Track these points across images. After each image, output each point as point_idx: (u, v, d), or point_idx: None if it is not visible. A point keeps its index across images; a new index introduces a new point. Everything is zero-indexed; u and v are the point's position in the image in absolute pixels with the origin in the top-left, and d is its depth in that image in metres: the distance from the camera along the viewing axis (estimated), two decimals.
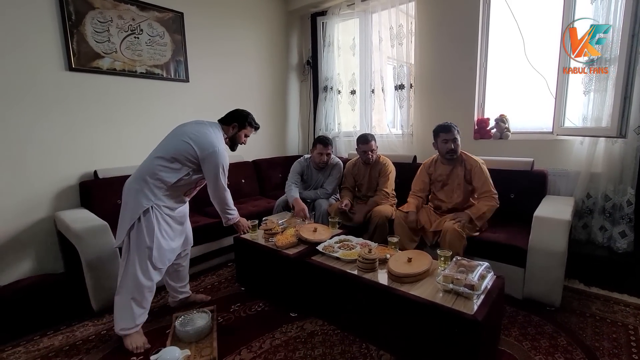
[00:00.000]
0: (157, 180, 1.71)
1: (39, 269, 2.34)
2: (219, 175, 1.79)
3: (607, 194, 2.28)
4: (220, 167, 1.78)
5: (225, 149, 1.84)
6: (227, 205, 1.94)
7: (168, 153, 1.73)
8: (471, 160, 2.24)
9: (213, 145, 1.75)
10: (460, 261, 1.62)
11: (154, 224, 1.67)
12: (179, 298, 2.02)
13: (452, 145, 2.20)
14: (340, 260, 1.84)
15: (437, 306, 1.39)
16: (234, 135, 1.94)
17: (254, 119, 2.00)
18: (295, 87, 4.10)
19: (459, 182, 2.26)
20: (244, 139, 2.00)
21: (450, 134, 2.21)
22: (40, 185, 2.31)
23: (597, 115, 2.23)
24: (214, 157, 1.75)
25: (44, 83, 2.27)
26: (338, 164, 2.87)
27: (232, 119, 1.93)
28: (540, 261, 1.89)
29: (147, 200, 1.68)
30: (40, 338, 1.79)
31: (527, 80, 2.72)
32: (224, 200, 1.91)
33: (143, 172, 1.73)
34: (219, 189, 1.85)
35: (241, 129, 1.95)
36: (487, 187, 2.18)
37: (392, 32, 3.20)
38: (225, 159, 1.81)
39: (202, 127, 1.83)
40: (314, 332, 1.77)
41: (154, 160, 1.74)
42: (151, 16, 2.75)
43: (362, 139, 2.67)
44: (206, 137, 1.78)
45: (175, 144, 1.76)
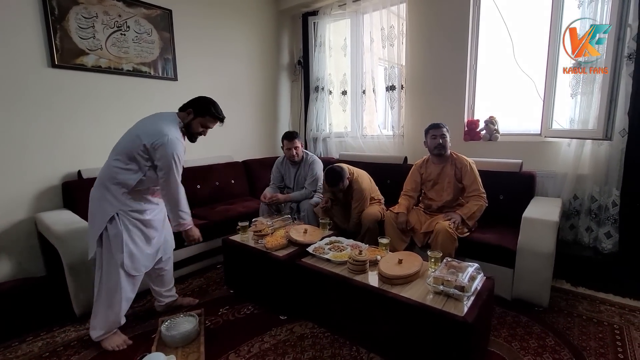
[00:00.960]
0: (117, 185, 1.60)
1: (19, 272, 2.26)
2: (171, 168, 1.59)
3: (593, 195, 2.32)
4: (173, 159, 1.59)
5: (179, 138, 1.65)
6: (180, 206, 1.70)
7: (122, 153, 1.62)
8: (462, 159, 2.27)
9: (162, 134, 1.58)
10: (451, 262, 1.61)
11: (121, 231, 1.59)
12: (165, 302, 1.96)
13: (440, 140, 2.24)
14: (331, 262, 1.82)
15: (428, 308, 1.38)
16: (189, 122, 1.74)
17: (216, 108, 1.79)
18: (286, 87, 4.07)
19: (450, 181, 2.28)
20: (200, 129, 1.79)
21: (438, 129, 2.26)
22: (21, 186, 2.23)
23: (584, 117, 2.27)
24: (163, 147, 1.57)
25: (25, 80, 2.19)
26: (315, 162, 2.81)
27: (189, 105, 1.76)
28: (528, 262, 1.90)
29: (111, 206, 1.59)
30: (19, 344, 1.72)
31: (516, 83, 2.75)
32: (177, 198, 1.68)
33: (103, 178, 1.63)
34: (171, 185, 1.63)
35: (197, 116, 1.74)
36: (476, 185, 2.21)
37: (383, 33, 3.20)
38: (178, 149, 1.61)
39: (155, 118, 1.70)
40: (303, 335, 1.74)
41: (111, 163, 1.63)
42: (138, 13, 2.69)
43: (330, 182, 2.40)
44: (155, 126, 1.62)
45: (127, 141, 1.63)
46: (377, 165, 3.04)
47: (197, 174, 2.99)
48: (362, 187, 2.48)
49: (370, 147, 3.51)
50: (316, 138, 3.88)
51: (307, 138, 3.92)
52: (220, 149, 3.40)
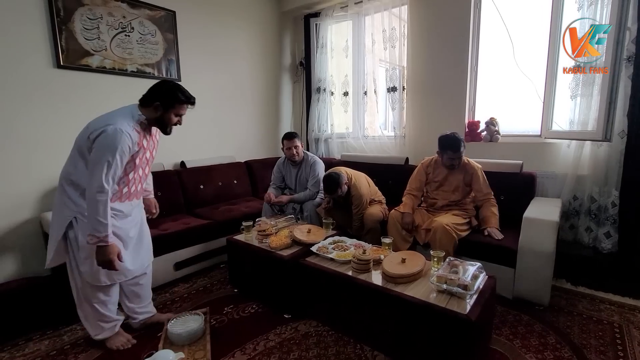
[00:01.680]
0: (71, 186, 1.48)
1: (25, 271, 2.27)
2: (99, 162, 1.35)
3: (593, 196, 2.34)
4: (105, 152, 1.36)
5: (127, 132, 1.42)
6: (97, 213, 1.36)
7: (74, 148, 1.49)
8: (472, 165, 2.29)
9: (105, 124, 1.39)
10: (453, 262, 1.64)
11: (79, 238, 1.48)
12: (139, 319, 1.79)
13: (455, 162, 2.25)
14: (335, 261, 1.84)
15: (431, 306, 1.41)
16: (160, 117, 1.53)
17: (183, 92, 1.55)
18: (288, 88, 4.10)
19: (458, 184, 2.30)
20: (176, 120, 1.58)
21: (457, 153, 2.21)
22: (26, 185, 2.24)
23: (584, 119, 2.30)
24: (100, 138, 1.37)
25: (31, 80, 2.21)
26: (316, 162, 2.83)
27: (152, 98, 1.51)
28: (529, 261, 1.93)
29: (69, 210, 1.47)
30: (26, 343, 1.74)
31: (516, 85, 2.78)
32: (95, 202, 1.36)
33: (60, 178, 1.52)
34: (92, 184, 1.36)
35: (168, 108, 1.52)
36: (488, 190, 2.27)
37: (384, 34, 3.23)
38: (117, 144, 1.37)
39: (110, 112, 1.53)
40: (308, 333, 1.77)
41: (66, 163, 1.52)
42: (142, 14, 2.71)
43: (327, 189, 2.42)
44: (102, 118, 1.46)
45: (79, 135, 1.49)
46: (378, 166, 3.06)
47: (200, 175, 3.02)
48: (361, 193, 2.49)
49: (372, 148, 3.54)
50: (318, 139, 3.90)
51: (308, 139, 3.95)
52: (223, 149, 3.43)
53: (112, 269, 1.46)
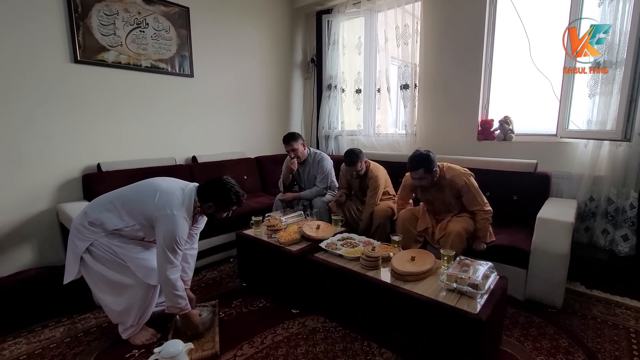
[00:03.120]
0: (96, 220, 1.57)
1: (41, 261, 2.34)
2: (165, 248, 1.50)
3: (610, 197, 2.28)
4: (171, 239, 1.50)
5: (185, 220, 1.56)
6: (173, 289, 1.53)
7: (126, 198, 1.61)
8: (456, 180, 2.06)
9: (171, 207, 1.53)
10: (464, 261, 1.62)
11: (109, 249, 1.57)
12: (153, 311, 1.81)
13: (417, 183, 2.10)
14: (343, 257, 1.83)
15: (441, 305, 1.39)
16: (212, 213, 1.68)
17: (236, 194, 1.64)
18: (299, 85, 4.10)
19: (448, 197, 2.12)
20: (224, 215, 1.72)
21: (414, 173, 2.03)
22: (43, 177, 2.31)
23: (602, 118, 2.23)
24: (166, 221, 1.51)
25: (49, 75, 2.26)
26: (323, 159, 2.82)
27: (209, 197, 1.63)
28: (542, 263, 1.89)
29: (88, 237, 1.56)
30: (42, 329, 1.79)
31: (532, 82, 2.72)
32: (168, 280, 1.51)
33: (92, 209, 1.61)
34: (162, 264, 1.51)
35: (219, 209, 1.66)
36: (478, 204, 2.04)
37: (397, 31, 3.19)
38: (179, 228, 1.52)
39: (175, 184, 1.65)
40: (315, 328, 1.77)
41: (104, 198, 1.64)
42: (157, 10, 2.74)
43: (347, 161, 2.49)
44: (168, 196, 1.57)
45: (137, 192, 1.62)
46: (389, 163, 3.01)
47: (210, 170, 3.04)
48: (378, 176, 2.54)
49: (383, 145, 3.52)
50: (328, 136, 3.90)
51: (318, 136, 3.95)
52: (233, 145, 3.45)
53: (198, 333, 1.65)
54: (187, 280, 1.83)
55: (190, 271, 1.86)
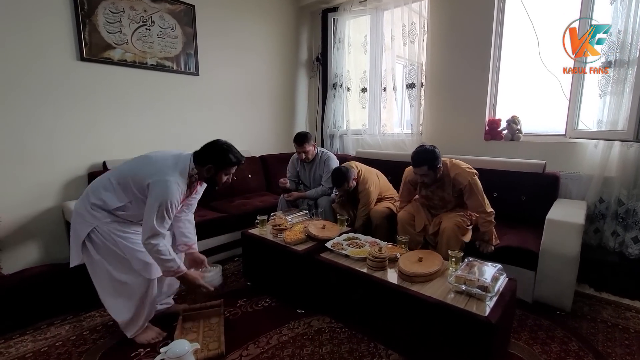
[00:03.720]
0: (98, 200, 1.54)
1: (47, 258, 2.35)
2: (152, 210, 1.44)
3: (621, 199, 2.24)
4: (160, 203, 1.44)
5: (178, 185, 1.50)
6: (159, 254, 1.48)
7: (120, 174, 1.57)
8: (461, 179, 2.00)
9: (163, 174, 1.48)
10: (472, 262, 1.60)
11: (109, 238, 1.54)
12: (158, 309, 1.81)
13: (421, 179, 2.07)
14: (349, 258, 1.82)
15: (449, 307, 1.37)
16: (211, 178, 1.63)
17: (235, 153, 1.63)
18: (304, 83, 4.08)
19: (449, 194, 2.10)
20: (225, 179, 1.67)
21: (418, 169, 2.00)
22: (49, 175, 2.31)
23: (613, 118, 2.19)
24: (158, 185, 1.46)
25: (55, 72, 2.26)
26: (329, 158, 2.79)
27: (206, 159, 1.59)
28: (551, 265, 1.86)
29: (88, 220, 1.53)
30: (48, 327, 1.79)
31: (540, 82, 2.68)
32: (153, 247, 1.47)
33: (91, 189, 1.58)
34: (145, 230, 1.46)
35: (219, 170, 1.61)
36: (480, 206, 1.98)
37: (404, 30, 3.17)
38: (172, 197, 1.47)
39: (167, 154, 1.60)
40: (321, 329, 1.76)
41: (103, 177, 1.60)
42: (163, 8, 2.74)
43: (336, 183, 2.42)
44: (161, 163, 1.54)
45: (136, 169, 1.56)
46: (393, 163, 3.01)
47: None
48: (369, 191, 2.47)
49: (389, 145, 3.49)
50: (333, 135, 3.88)
51: (323, 135, 3.93)
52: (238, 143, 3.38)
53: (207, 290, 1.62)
54: (192, 244, 1.82)
55: (192, 235, 1.83)
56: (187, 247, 1.80)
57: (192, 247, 1.81)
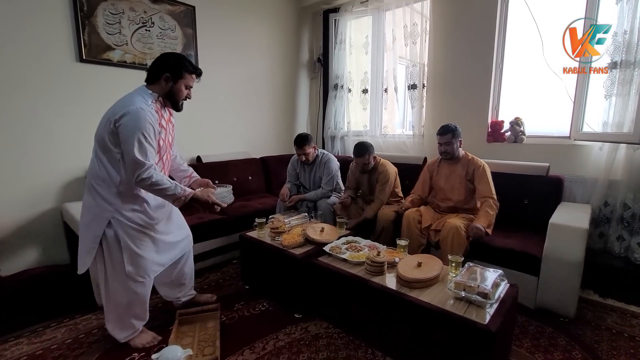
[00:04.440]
0: (102, 184, 1.43)
1: (46, 259, 2.34)
2: (130, 143, 1.32)
3: (627, 203, 2.19)
4: (133, 132, 1.32)
5: (147, 109, 1.39)
6: (159, 185, 1.39)
7: (95, 146, 1.45)
8: (476, 161, 2.25)
9: (125, 107, 1.36)
10: (472, 267, 1.56)
11: (119, 238, 1.45)
12: (182, 301, 1.91)
13: (444, 148, 2.26)
14: (348, 262, 1.79)
15: (448, 314, 1.34)
16: (170, 90, 1.49)
17: (190, 62, 1.53)
18: (305, 85, 4.06)
19: (460, 181, 2.27)
20: (185, 92, 1.54)
21: (443, 137, 2.25)
22: (48, 176, 2.31)
23: (619, 120, 2.15)
24: (126, 121, 1.33)
25: (54, 73, 2.26)
26: (330, 160, 2.79)
27: (160, 70, 1.47)
28: (555, 270, 1.82)
29: (105, 212, 1.43)
30: (43, 330, 1.78)
31: (544, 83, 2.63)
32: (148, 182, 1.37)
33: (88, 181, 1.48)
34: (129, 167, 1.36)
35: (177, 79, 1.49)
36: (488, 191, 2.16)
37: (406, 30, 3.13)
38: (144, 123, 1.35)
39: (122, 97, 1.48)
40: (318, 334, 1.73)
41: (90, 163, 1.48)
42: (163, 9, 2.73)
43: (355, 152, 2.53)
44: (117, 104, 1.42)
45: (97, 131, 1.44)
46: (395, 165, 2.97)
47: (215, 170, 3.02)
48: (388, 171, 2.55)
49: (390, 146, 3.46)
50: (334, 136, 3.85)
51: (324, 136, 3.91)
52: (238, 145, 3.43)
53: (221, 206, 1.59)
54: (190, 173, 1.81)
55: (185, 166, 1.82)
56: (187, 178, 1.79)
57: (191, 176, 1.80)
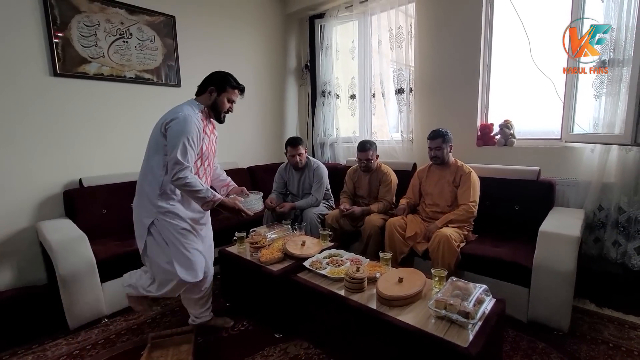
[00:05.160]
0: (150, 185, 1.57)
1: (21, 280, 2.26)
2: (175, 146, 1.47)
3: (621, 206, 2.10)
4: (179, 135, 1.48)
5: (195, 117, 1.56)
6: (191, 187, 1.51)
7: (148, 149, 1.63)
8: (464, 168, 2.24)
9: (174, 113, 1.54)
10: (456, 282, 1.47)
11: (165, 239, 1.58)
12: (197, 322, 1.85)
13: (434, 153, 2.25)
14: (328, 278, 1.70)
15: (427, 335, 1.25)
16: (214, 102, 1.68)
17: (235, 79, 1.73)
18: (293, 92, 4.00)
19: (448, 187, 2.25)
20: (228, 105, 1.72)
21: (433, 141, 2.25)
22: (23, 194, 2.23)
23: (610, 120, 2.06)
24: (174, 125, 1.50)
25: (27, 89, 2.20)
26: (319, 168, 2.75)
27: (206, 84, 1.69)
28: (546, 281, 1.73)
29: (148, 213, 1.58)
30: (10, 357, 1.70)
31: (533, 84, 2.56)
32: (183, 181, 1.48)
33: (139, 182, 1.64)
34: (170, 165, 1.49)
35: (221, 92, 1.68)
36: (467, 197, 2.15)
37: (391, 34, 3.07)
38: (190, 128, 1.50)
39: (174, 107, 1.65)
40: (297, 356, 1.64)
41: (141, 167, 1.64)
42: (141, 20, 2.68)
43: (359, 147, 2.58)
44: (170, 110, 1.60)
45: (153, 134, 1.62)
46: None
47: None
48: (391, 172, 2.60)
49: (380, 152, 3.33)
50: (323, 143, 3.78)
51: (314, 143, 3.83)
52: (226, 155, 3.36)
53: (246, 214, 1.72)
54: (228, 182, 1.96)
55: (224, 175, 1.98)
56: (225, 186, 1.93)
57: (229, 184, 1.95)
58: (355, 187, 2.74)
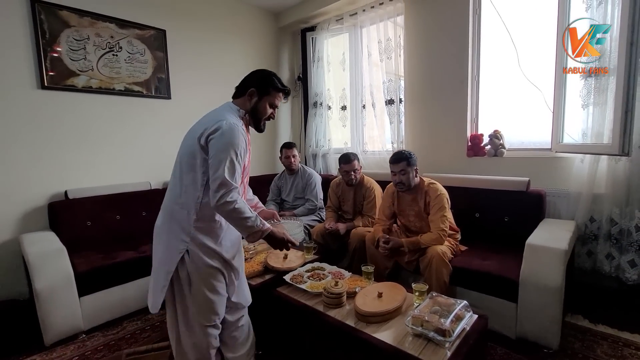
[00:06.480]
0: (182, 209, 1.27)
1: (4, 293, 2.23)
2: (220, 162, 1.18)
3: (613, 218, 2.05)
4: (225, 149, 1.19)
5: (239, 126, 1.27)
6: (240, 214, 1.20)
7: (177, 166, 1.33)
8: (434, 190, 2.03)
9: (216, 121, 1.24)
10: (436, 298, 1.42)
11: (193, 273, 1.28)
12: None
13: (398, 178, 2.04)
14: (307, 292, 1.66)
15: (402, 354, 1.20)
16: (255, 106, 1.36)
17: (280, 80, 1.40)
18: (286, 103, 4.01)
19: (417, 214, 2.10)
20: (270, 111, 1.39)
21: (396, 165, 2.03)
22: (6, 206, 2.23)
23: (598, 130, 2.03)
24: (219, 137, 1.20)
25: (14, 102, 2.22)
26: (313, 174, 2.90)
27: (247, 84, 1.35)
28: (533, 296, 1.67)
29: (180, 243, 1.26)
30: None
31: (522, 94, 2.54)
32: (231, 206, 1.18)
33: (165, 206, 1.34)
34: (214, 187, 1.18)
35: (263, 95, 1.35)
36: (437, 224, 1.95)
37: (380, 46, 3.09)
38: (237, 138, 1.22)
39: (209, 112, 1.38)
40: None
41: (169, 187, 1.35)
42: (131, 33, 2.71)
43: (343, 159, 2.55)
44: (208, 118, 1.31)
45: (186, 146, 1.32)
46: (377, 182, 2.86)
47: None
48: (374, 187, 2.56)
49: (371, 163, 3.35)
50: (315, 154, 3.77)
51: (306, 154, 3.82)
52: None
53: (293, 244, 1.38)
54: (256, 202, 1.65)
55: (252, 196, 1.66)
56: (252, 207, 1.53)
57: (257, 206, 1.65)
58: (340, 201, 2.70)
